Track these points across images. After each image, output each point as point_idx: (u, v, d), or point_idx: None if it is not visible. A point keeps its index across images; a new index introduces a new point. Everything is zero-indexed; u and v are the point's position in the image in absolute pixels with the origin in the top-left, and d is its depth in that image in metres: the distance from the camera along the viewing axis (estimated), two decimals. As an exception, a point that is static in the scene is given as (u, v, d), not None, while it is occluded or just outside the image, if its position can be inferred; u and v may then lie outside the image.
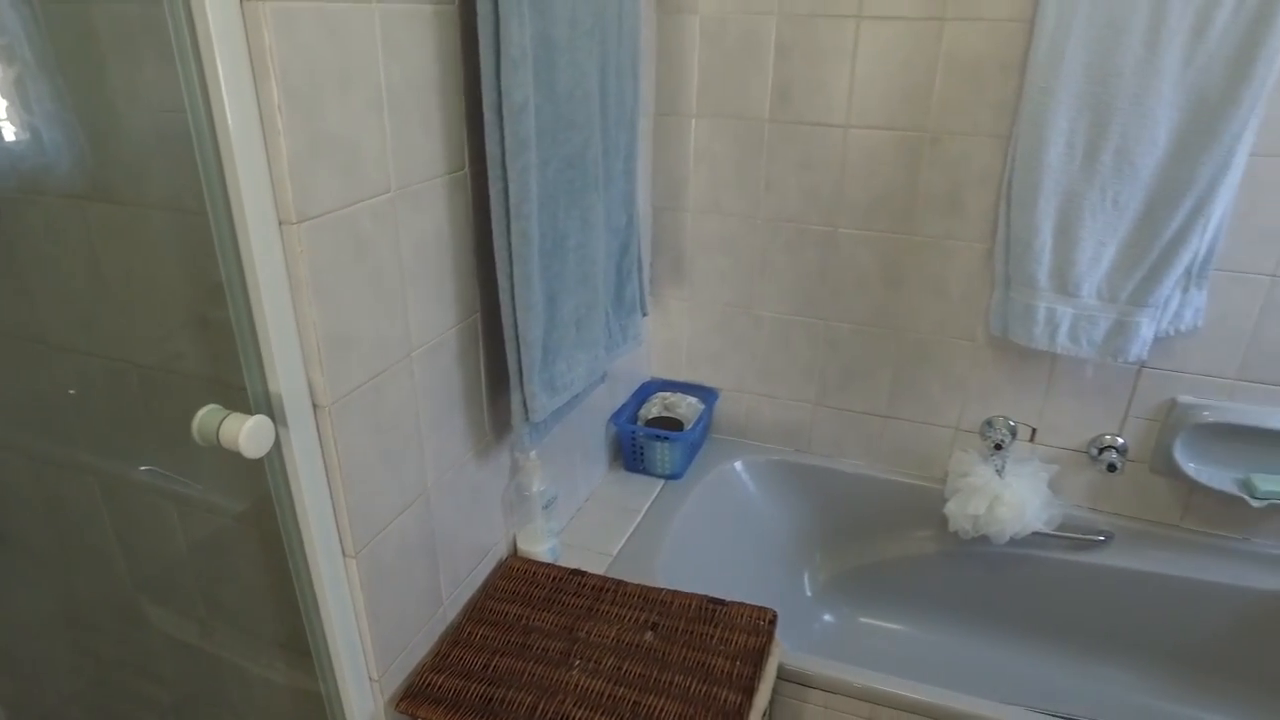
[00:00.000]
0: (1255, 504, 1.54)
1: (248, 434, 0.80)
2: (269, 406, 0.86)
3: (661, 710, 1.09)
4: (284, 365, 0.85)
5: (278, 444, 0.88)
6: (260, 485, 0.97)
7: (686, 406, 1.86)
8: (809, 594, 1.87)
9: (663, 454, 1.75)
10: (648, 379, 1.95)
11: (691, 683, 1.13)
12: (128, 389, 1.07)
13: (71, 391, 1.11)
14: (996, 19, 1.45)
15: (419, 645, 1.18)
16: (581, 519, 1.64)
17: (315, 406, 0.90)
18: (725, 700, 1.10)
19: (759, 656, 1.18)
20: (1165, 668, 1.68)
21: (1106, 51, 1.35)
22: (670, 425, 1.80)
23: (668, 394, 1.89)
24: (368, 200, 0.92)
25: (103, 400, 1.11)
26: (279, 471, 0.90)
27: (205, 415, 0.83)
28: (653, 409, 1.86)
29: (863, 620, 1.86)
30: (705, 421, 1.85)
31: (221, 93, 0.74)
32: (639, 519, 1.65)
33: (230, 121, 0.75)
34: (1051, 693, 1.68)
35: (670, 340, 1.91)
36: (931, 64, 1.51)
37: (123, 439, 1.14)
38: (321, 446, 0.92)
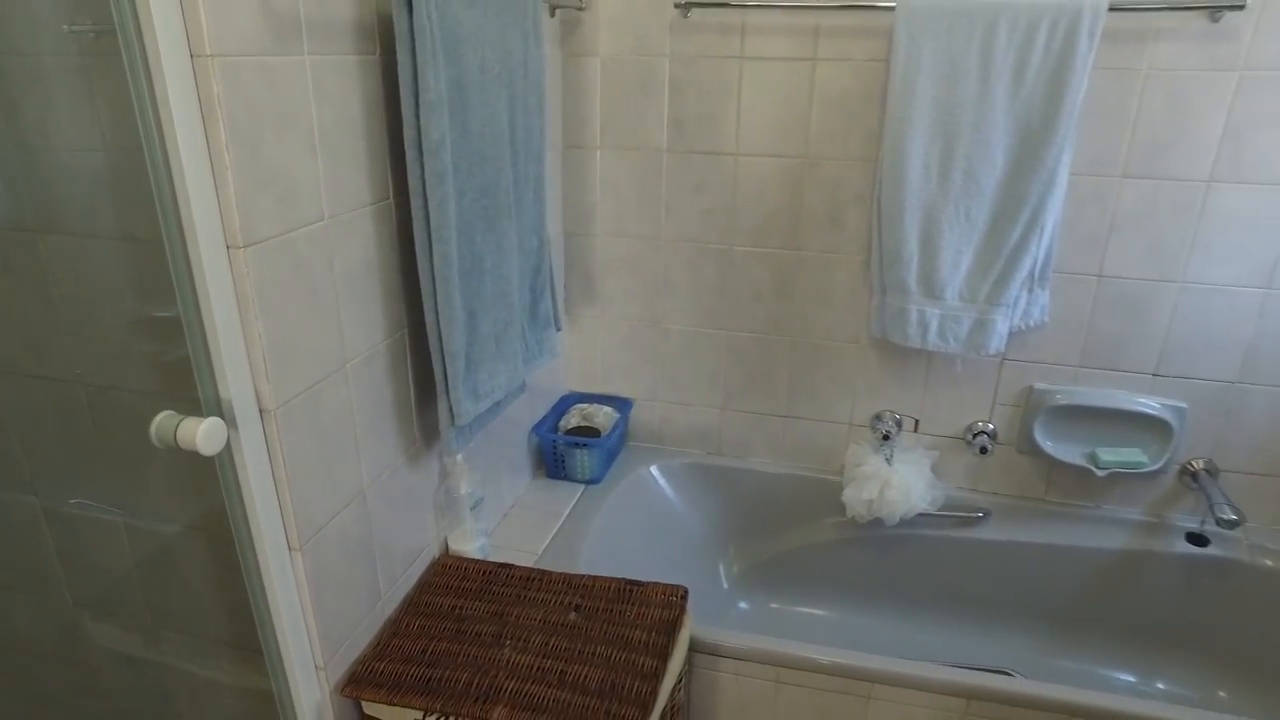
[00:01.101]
0: (1100, 473, 1.76)
1: (204, 433, 0.91)
2: (220, 411, 0.96)
3: (586, 676, 1.21)
4: (234, 374, 0.96)
5: (229, 445, 0.97)
6: (207, 495, 1.06)
7: (603, 416, 2.00)
8: (725, 585, 2.02)
9: (582, 460, 1.88)
10: (566, 392, 2.08)
11: (612, 652, 1.26)
12: (77, 407, 1.14)
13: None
14: (860, 60, 1.65)
15: (360, 637, 1.27)
16: (508, 523, 1.75)
17: (262, 411, 1.01)
18: (643, 665, 1.23)
19: (672, 627, 1.31)
20: (1041, 623, 1.88)
21: (949, 87, 1.57)
22: (589, 434, 1.93)
23: (585, 405, 2.02)
24: (304, 227, 1.04)
25: (51, 420, 1.18)
26: (229, 470, 1.00)
27: (162, 420, 0.93)
28: (572, 419, 1.99)
29: (774, 606, 2.01)
30: (621, 429, 1.99)
31: (175, 134, 0.85)
32: (562, 520, 1.77)
33: (184, 159, 0.86)
34: (947, 654, 1.86)
35: (585, 355, 2.05)
36: (807, 98, 1.71)
37: (71, 457, 1.20)
38: (268, 447, 1.03)
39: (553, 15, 1.69)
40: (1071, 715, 1.33)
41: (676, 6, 1.66)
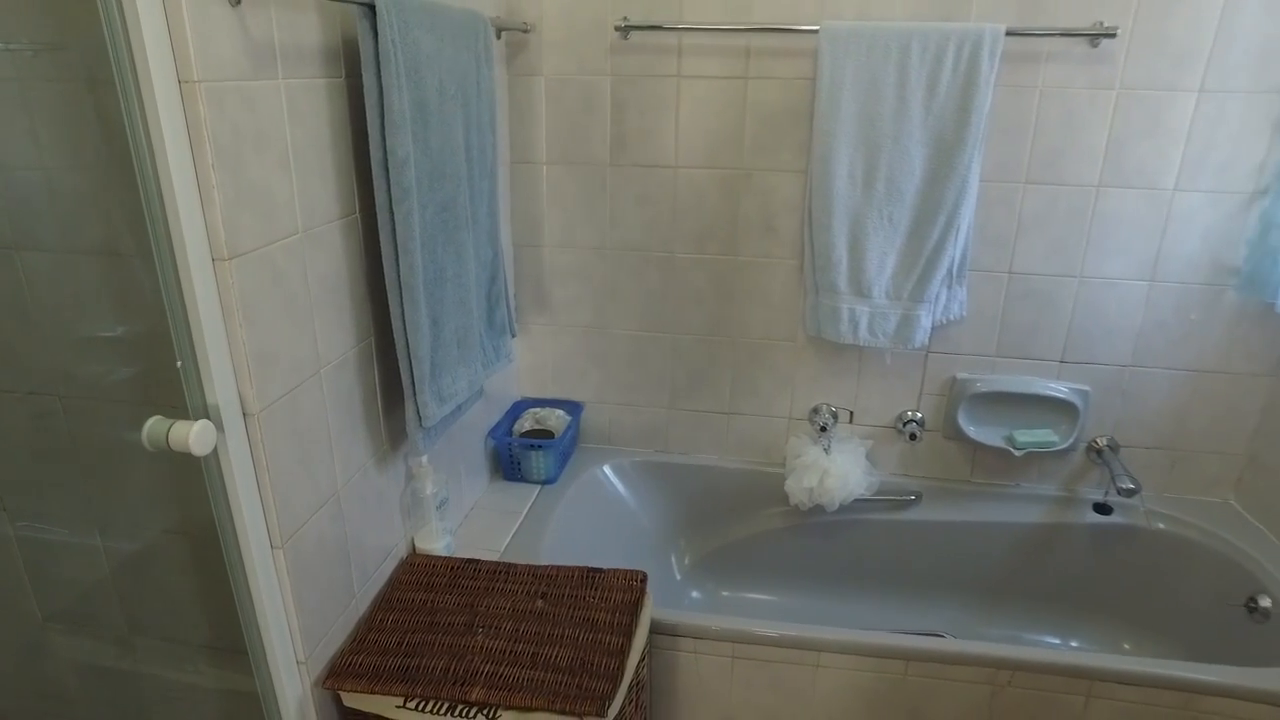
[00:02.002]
0: (1017, 454, 1.93)
1: (196, 435, 0.96)
2: (207, 414, 1.02)
3: (556, 656, 1.29)
4: (220, 379, 1.01)
5: (216, 446, 1.03)
6: (187, 501, 1.11)
7: (556, 419, 2.08)
8: (678, 577, 2.12)
9: (537, 461, 1.96)
10: (518, 398, 2.15)
11: (579, 633, 1.34)
12: (53, 420, 1.18)
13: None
14: (788, 77, 1.79)
15: (337, 633, 1.33)
16: (469, 524, 1.81)
17: (245, 414, 1.07)
18: (609, 643, 1.32)
19: (634, 607, 1.40)
20: (970, 594, 2.03)
21: (870, 102, 1.71)
22: (543, 436, 2.01)
23: (538, 409, 2.10)
24: (281, 240, 1.10)
25: (24, 433, 1.21)
26: (216, 471, 1.05)
27: (153, 424, 0.98)
28: (525, 423, 2.07)
29: (725, 594, 2.12)
30: (573, 431, 2.07)
31: (166, 155, 0.91)
32: (521, 519, 1.84)
33: (174, 177, 0.92)
34: (887, 627, 1.98)
35: (536, 362, 2.13)
36: (740, 114, 1.83)
37: (46, 470, 1.23)
38: (251, 448, 1.08)
39: (499, 37, 1.78)
40: (997, 669, 1.47)
41: (617, 29, 1.76)
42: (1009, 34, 1.61)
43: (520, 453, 1.96)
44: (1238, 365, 1.85)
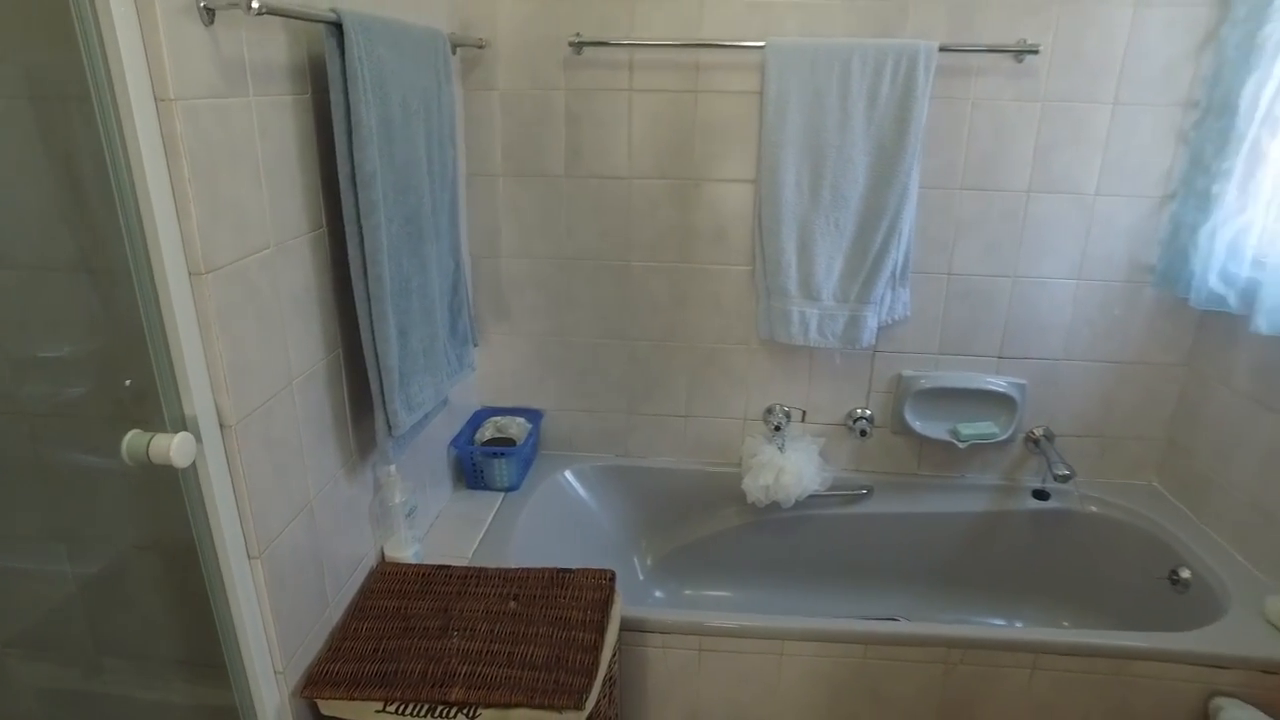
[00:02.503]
0: (961, 446, 2.03)
1: (177, 446, 0.97)
2: (186, 427, 1.03)
3: (532, 654, 1.32)
4: (198, 392, 1.03)
5: (195, 458, 1.04)
6: (161, 517, 1.12)
7: (516, 427, 2.11)
8: (640, 577, 2.16)
9: (500, 469, 1.99)
10: (479, 407, 2.18)
11: (553, 631, 1.38)
12: (18, 438, 1.17)
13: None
14: (736, 91, 1.86)
15: (312, 642, 1.34)
16: (435, 533, 1.83)
17: (223, 426, 1.08)
18: (582, 640, 1.36)
19: (605, 604, 1.45)
20: (921, 582, 2.12)
21: (815, 114, 1.79)
22: (504, 444, 2.04)
23: (498, 418, 2.13)
24: (255, 254, 1.12)
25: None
26: (194, 483, 1.06)
27: (132, 437, 0.99)
28: (486, 432, 2.09)
29: (687, 592, 2.17)
30: (534, 438, 2.11)
31: (144, 171, 0.93)
32: (486, 527, 1.87)
33: (152, 193, 0.94)
34: (845, 616, 2.06)
35: (496, 371, 2.16)
36: (691, 126, 1.90)
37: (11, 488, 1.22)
38: (228, 460, 1.10)
39: (454, 53, 1.81)
40: (949, 648, 1.55)
41: (570, 45, 1.81)
42: (942, 49, 1.71)
43: (483, 461, 1.99)
44: (1156, 356, 1.98)
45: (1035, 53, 1.72)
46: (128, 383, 1.07)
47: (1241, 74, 1.61)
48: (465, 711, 1.23)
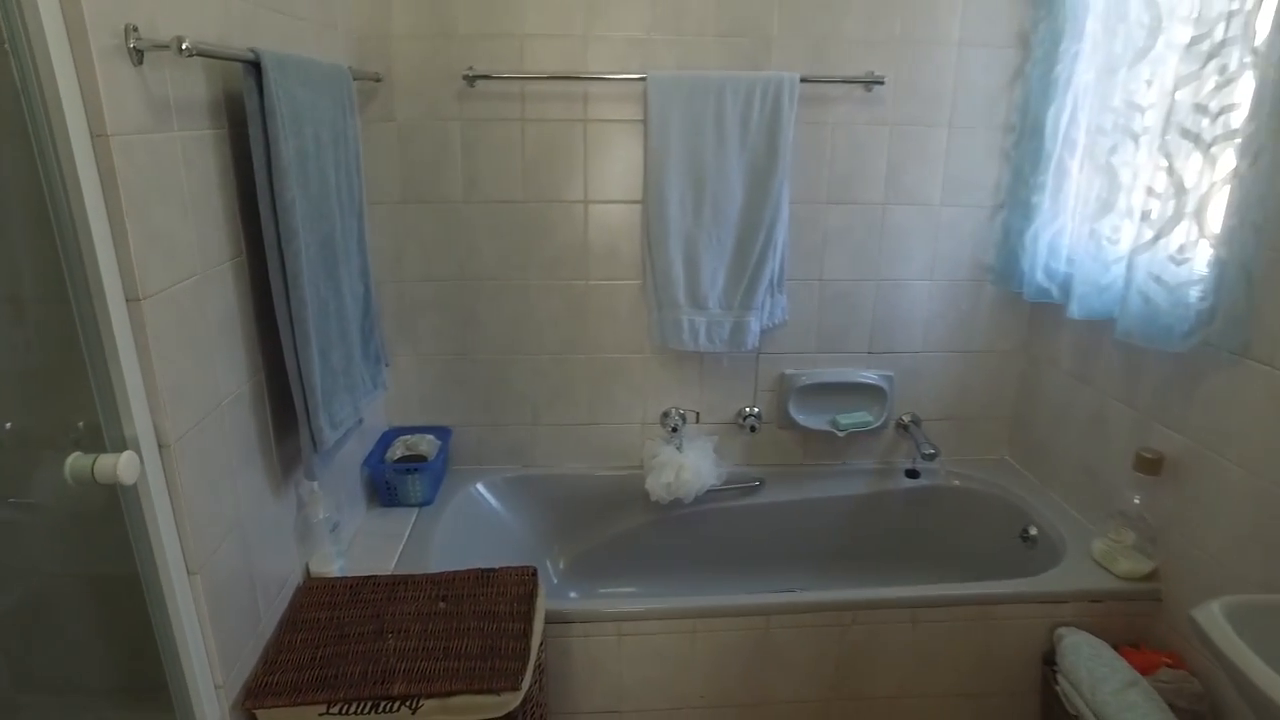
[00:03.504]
0: (840, 435, 2.24)
1: (124, 464, 1.02)
2: (126, 447, 1.07)
3: (466, 647, 1.41)
4: (138, 413, 1.08)
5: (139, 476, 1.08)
6: (89, 542, 1.15)
7: (426, 444, 2.17)
8: (555, 580, 2.26)
9: (414, 484, 2.05)
10: (387, 428, 2.23)
11: (484, 624, 1.47)
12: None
13: None
14: (622, 120, 2.02)
15: (248, 657, 1.37)
16: (355, 550, 1.87)
17: (161, 446, 1.13)
18: (512, 629, 1.46)
19: (530, 598, 1.55)
20: (814, 561, 2.31)
21: (694, 139, 1.97)
22: (415, 461, 2.10)
23: (408, 436, 2.18)
24: (184, 281, 1.17)
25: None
26: (135, 501, 1.10)
27: (75, 460, 1.03)
28: (397, 450, 2.15)
29: (602, 592, 2.28)
30: (445, 454, 2.18)
31: (84, 203, 0.98)
32: (404, 541, 1.92)
33: (91, 224, 0.99)
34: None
35: (403, 392, 2.21)
36: (581, 152, 2.04)
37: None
38: (167, 478, 1.14)
39: (352, 86, 1.88)
40: (842, 611, 1.73)
41: (464, 78, 1.92)
42: (803, 80, 1.93)
43: (395, 478, 2.04)
44: (999, 344, 2.26)
45: (881, 83, 1.97)
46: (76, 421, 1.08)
47: (1044, 104, 1.90)
48: (408, 704, 1.31)
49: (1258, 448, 1.48)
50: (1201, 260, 1.54)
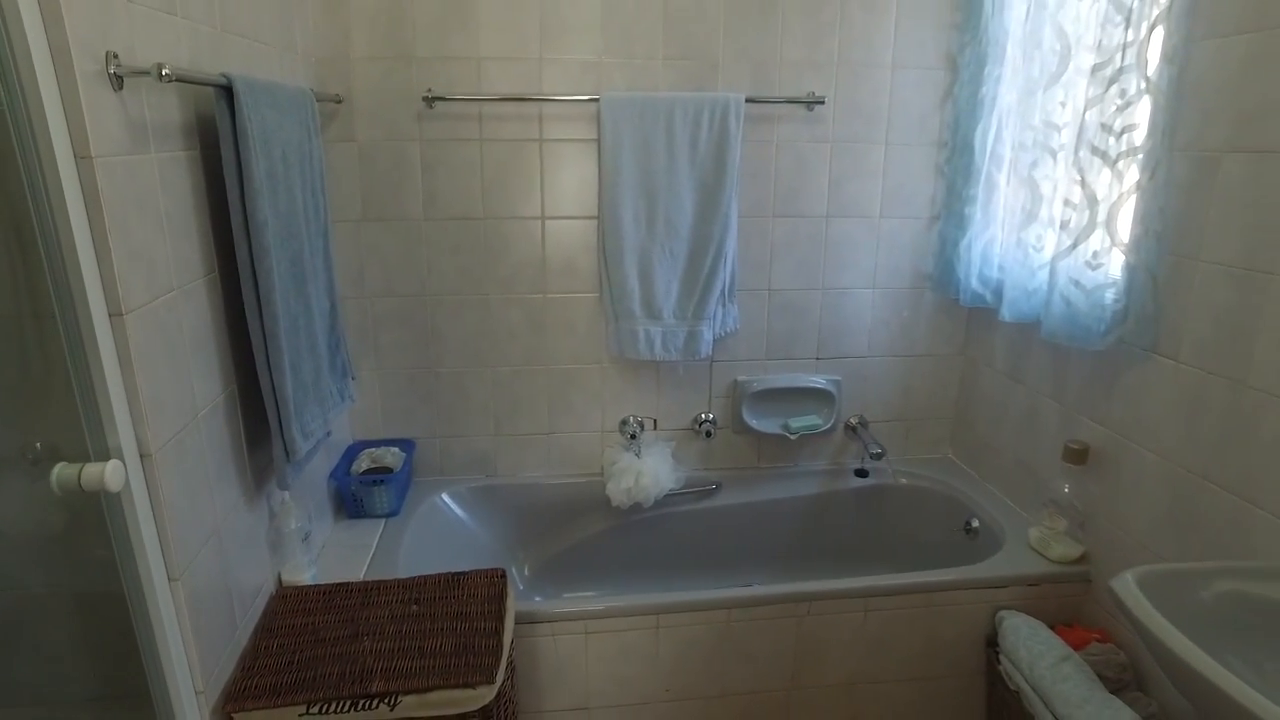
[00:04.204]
0: (792, 438, 2.34)
1: (111, 472, 1.06)
2: (110, 457, 1.11)
3: (440, 645, 1.46)
4: (121, 424, 1.12)
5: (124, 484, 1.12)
6: (66, 556, 1.18)
7: (391, 457, 2.21)
8: (521, 587, 2.31)
9: (380, 496, 2.09)
10: (352, 441, 2.26)
11: (457, 624, 1.52)
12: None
13: None
14: (577, 139, 2.10)
15: (226, 663, 1.40)
16: (324, 561, 1.90)
17: (143, 456, 1.16)
18: (484, 627, 1.51)
19: (500, 598, 1.60)
20: (770, 560, 2.40)
21: (646, 158, 2.06)
22: (381, 473, 2.14)
23: (373, 449, 2.22)
24: (162, 297, 1.22)
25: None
26: (119, 509, 1.14)
27: (61, 470, 1.06)
28: (363, 463, 2.18)
29: (566, 595, 2.34)
30: (409, 465, 2.22)
31: (70, 223, 1.02)
32: (373, 550, 1.96)
33: (77, 242, 1.03)
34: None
35: (367, 406, 2.25)
36: (538, 170, 2.12)
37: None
38: (148, 487, 1.18)
39: (313, 108, 1.94)
40: (798, 602, 1.82)
41: (424, 99, 1.99)
42: (749, 101, 2.04)
43: (362, 490, 2.08)
44: (940, 348, 2.39)
45: (821, 103, 2.09)
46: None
47: (972, 122, 2.04)
48: (387, 701, 1.35)
49: (1169, 435, 1.62)
50: (1115, 265, 1.68)
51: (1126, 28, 1.53)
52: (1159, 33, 1.49)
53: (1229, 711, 1.04)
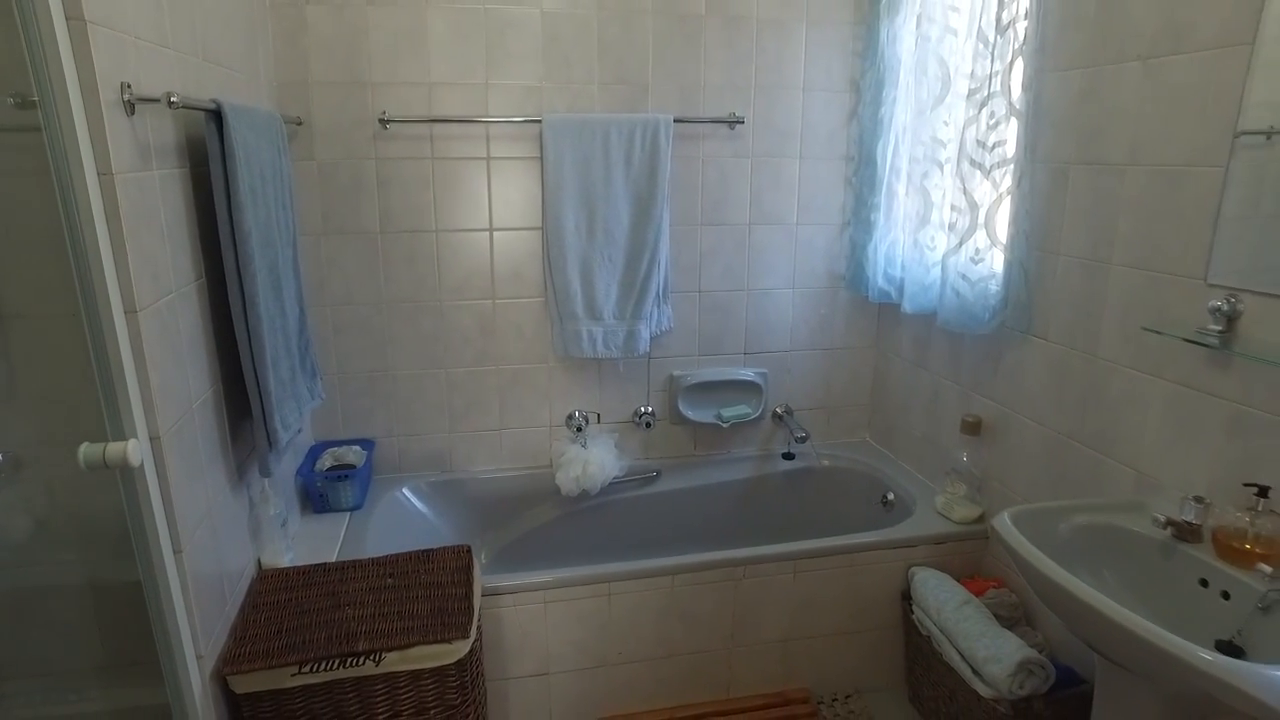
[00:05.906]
0: (725, 426, 2.57)
1: (133, 449, 1.20)
2: (128, 437, 1.25)
3: (417, 609, 1.62)
4: (136, 409, 1.26)
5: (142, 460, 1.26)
6: (77, 534, 1.31)
7: (353, 455, 2.35)
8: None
9: (345, 490, 2.23)
10: (314, 442, 2.39)
11: (429, 592, 1.68)
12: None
13: None
14: (523, 157, 2.29)
15: (220, 633, 1.54)
16: (296, 550, 2.03)
17: (153, 438, 1.31)
18: (455, 593, 1.68)
19: (468, 568, 1.77)
20: (710, 540, 2.57)
21: (586, 172, 2.27)
22: (345, 469, 2.28)
23: (335, 449, 2.35)
24: (166, 297, 1.36)
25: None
26: (132, 485, 1.28)
27: (87, 449, 1.20)
28: (326, 462, 2.32)
29: (519, 581, 2.50)
30: (370, 462, 2.36)
31: (95, 230, 1.17)
32: (341, 540, 2.10)
33: (101, 248, 1.18)
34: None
35: (328, 408, 2.39)
36: (486, 186, 2.30)
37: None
38: (157, 466, 1.32)
39: (276, 129, 2.08)
40: (734, 567, 2.04)
41: (379, 121, 2.16)
42: (677, 121, 2.27)
43: (327, 485, 2.21)
44: (855, 342, 2.66)
45: (741, 122, 2.34)
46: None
47: (874, 139, 2.32)
48: (372, 657, 1.51)
49: (1043, 404, 1.90)
50: (995, 261, 1.95)
51: (992, 60, 1.81)
52: (1019, 65, 1.78)
53: (1078, 610, 1.30)
